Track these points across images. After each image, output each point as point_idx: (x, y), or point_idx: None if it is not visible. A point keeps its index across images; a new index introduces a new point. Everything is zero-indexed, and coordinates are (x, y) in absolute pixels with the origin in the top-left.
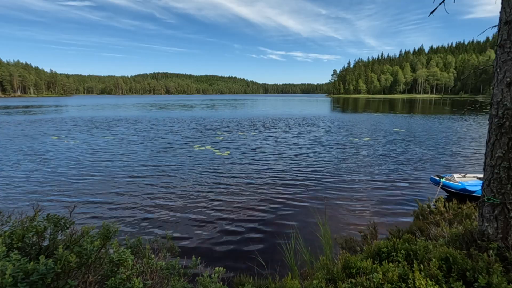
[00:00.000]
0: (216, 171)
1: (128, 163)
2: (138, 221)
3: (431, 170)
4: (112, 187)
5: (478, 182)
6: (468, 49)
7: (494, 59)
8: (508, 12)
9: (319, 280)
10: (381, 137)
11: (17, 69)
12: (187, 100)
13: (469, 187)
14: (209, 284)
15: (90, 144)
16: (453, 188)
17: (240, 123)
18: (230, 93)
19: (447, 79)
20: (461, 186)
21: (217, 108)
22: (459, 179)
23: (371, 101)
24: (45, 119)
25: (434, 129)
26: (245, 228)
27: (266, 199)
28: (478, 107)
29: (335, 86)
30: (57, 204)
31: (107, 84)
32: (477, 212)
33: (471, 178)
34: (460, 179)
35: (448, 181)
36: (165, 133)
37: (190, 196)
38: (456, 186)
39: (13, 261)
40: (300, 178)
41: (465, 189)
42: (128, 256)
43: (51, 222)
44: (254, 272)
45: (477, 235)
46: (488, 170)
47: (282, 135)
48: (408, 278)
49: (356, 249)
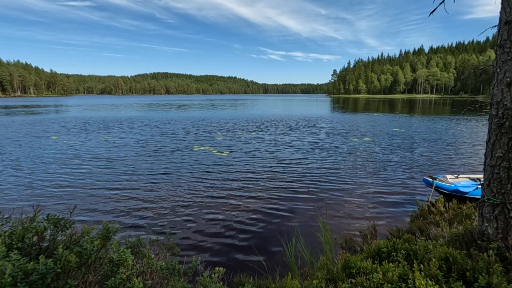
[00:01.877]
0: (216, 171)
1: (128, 163)
2: (138, 221)
3: (431, 170)
4: (112, 187)
5: (471, 182)
6: (468, 49)
7: (494, 59)
8: (508, 12)
9: (319, 280)
10: (381, 137)
11: (17, 69)
12: (187, 100)
13: (462, 188)
14: (209, 284)
15: (90, 144)
16: (445, 189)
17: (240, 123)
18: (230, 93)
19: (447, 79)
20: (453, 187)
21: (217, 108)
22: (452, 180)
23: (371, 101)
24: (45, 119)
25: (434, 129)
26: (245, 228)
27: (266, 199)
28: (478, 107)
29: (335, 86)
30: (57, 204)
31: (107, 84)
32: (477, 212)
33: (464, 179)
34: (452, 180)
35: (441, 182)
36: (165, 133)
37: (190, 196)
38: (448, 187)
39: (13, 261)
40: (300, 178)
41: (457, 190)
42: (128, 256)
43: (51, 222)
44: (254, 272)
45: (477, 235)
46: (488, 170)
47: (282, 136)
48: (408, 278)
49: (356, 249)
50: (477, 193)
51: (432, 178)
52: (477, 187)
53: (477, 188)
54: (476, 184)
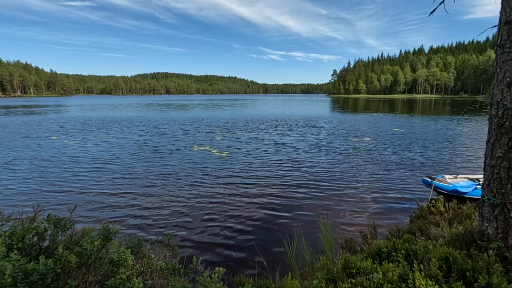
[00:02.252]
0: (215, 172)
1: (128, 163)
2: (138, 221)
3: (431, 170)
4: (112, 187)
5: (469, 183)
6: (468, 49)
7: (494, 59)
8: (508, 12)
9: (319, 280)
10: (381, 137)
11: (17, 69)
12: (187, 100)
13: (461, 188)
14: (209, 284)
15: (90, 144)
16: (444, 190)
17: (240, 123)
18: (230, 93)
19: (447, 79)
20: (452, 187)
21: (217, 108)
22: (451, 180)
23: (371, 101)
24: (45, 119)
25: (434, 129)
26: (246, 228)
27: (266, 199)
28: (478, 107)
29: (335, 86)
30: (57, 205)
31: (107, 84)
32: (477, 212)
33: (463, 179)
34: (451, 180)
35: (440, 183)
36: (165, 133)
37: (190, 196)
38: (447, 188)
39: (13, 261)
40: (301, 178)
41: (456, 191)
42: (128, 256)
43: (52, 222)
44: (255, 272)
45: (477, 235)
46: (488, 170)
47: (282, 136)
48: (408, 278)
49: (356, 249)
50: (475, 193)
51: (431, 178)
52: (475, 187)
53: (476, 189)
54: (475, 184)
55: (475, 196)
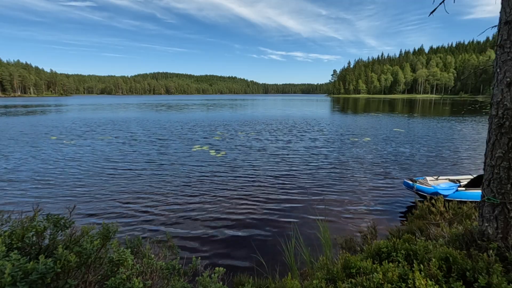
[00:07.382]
0: (215, 172)
1: (127, 164)
2: (138, 221)
3: (431, 170)
4: (112, 187)
5: (450, 184)
6: (468, 49)
7: (494, 59)
8: (508, 12)
9: (319, 280)
10: (381, 138)
11: (17, 69)
12: (186, 100)
13: (442, 190)
14: (209, 284)
15: (90, 144)
16: (426, 192)
17: (240, 123)
18: (230, 93)
19: (447, 79)
20: (433, 189)
21: (217, 108)
22: (432, 182)
23: (371, 101)
24: (45, 119)
25: (434, 129)
26: (245, 228)
27: (266, 199)
28: (478, 107)
29: (335, 86)
30: (57, 204)
31: (107, 84)
32: (477, 212)
33: (444, 181)
34: (432, 182)
35: (421, 185)
36: (164, 133)
37: (189, 196)
38: (428, 190)
39: (13, 261)
40: (300, 178)
41: (437, 193)
42: (128, 256)
43: (51, 222)
44: (254, 272)
45: (477, 235)
46: (488, 170)
47: (282, 136)
48: (408, 278)
49: (356, 249)
50: (457, 196)
51: (413, 180)
52: (456, 189)
53: (457, 191)
54: (456, 186)
55: (456, 198)
